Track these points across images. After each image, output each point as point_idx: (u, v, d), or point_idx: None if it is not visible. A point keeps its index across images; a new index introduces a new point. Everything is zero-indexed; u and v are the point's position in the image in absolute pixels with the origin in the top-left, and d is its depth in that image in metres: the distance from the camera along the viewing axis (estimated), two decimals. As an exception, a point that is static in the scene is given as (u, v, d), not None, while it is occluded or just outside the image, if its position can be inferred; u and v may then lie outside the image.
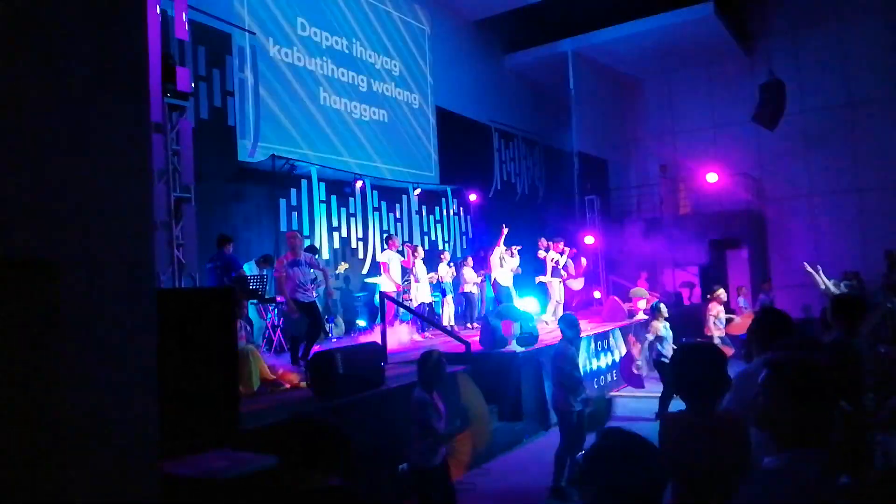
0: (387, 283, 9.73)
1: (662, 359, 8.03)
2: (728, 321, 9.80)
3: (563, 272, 11.56)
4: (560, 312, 11.26)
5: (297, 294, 7.06)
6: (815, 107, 16.69)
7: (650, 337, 8.30)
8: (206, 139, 8.81)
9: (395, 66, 13.14)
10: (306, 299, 7.15)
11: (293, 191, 10.57)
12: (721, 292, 9.61)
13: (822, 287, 9.19)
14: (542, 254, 11.66)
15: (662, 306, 8.45)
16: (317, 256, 8.62)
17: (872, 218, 15.97)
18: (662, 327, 8.23)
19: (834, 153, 16.61)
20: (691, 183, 17.98)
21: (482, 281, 11.50)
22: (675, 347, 7.65)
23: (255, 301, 8.44)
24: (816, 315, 12.82)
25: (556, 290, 11.46)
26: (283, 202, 10.39)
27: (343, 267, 10.01)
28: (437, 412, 4.22)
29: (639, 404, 8.68)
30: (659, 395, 7.96)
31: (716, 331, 9.23)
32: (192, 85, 8.09)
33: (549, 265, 11.45)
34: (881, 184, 16.00)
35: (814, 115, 16.75)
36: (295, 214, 10.54)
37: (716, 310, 9.41)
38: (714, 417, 2.43)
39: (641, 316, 11.46)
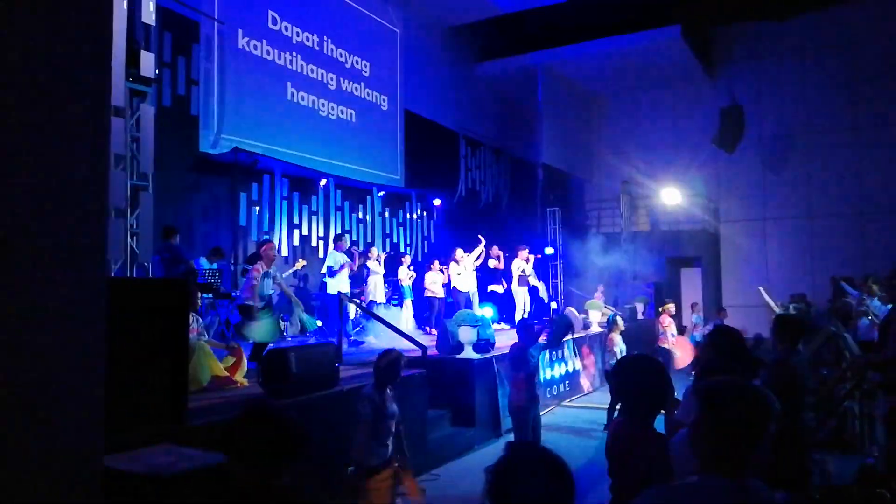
0: (336, 284, 9.54)
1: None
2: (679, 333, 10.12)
3: (532, 280, 11.76)
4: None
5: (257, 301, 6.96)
6: (772, 134, 17.22)
7: (617, 350, 8.43)
8: (168, 128, 8.61)
9: (366, 66, 13.08)
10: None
11: (255, 185, 10.42)
12: (671, 306, 9.94)
13: (775, 310, 9.56)
14: (492, 262, 11.79)
15: (619, 319, 8.64)
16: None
17: (822, 244, 16.54)
18: (618, 339, 8.41)
19: (788, 179, 17.16)
20: (650, 201, 18.37)
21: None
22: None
23: (208, 295, 8.28)
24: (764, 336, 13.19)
25: (521, 298, 11.60)
26: (243, 196, 10.22)
27: (301, 263, 9.85)
28: (384, 411, 4.19)
29: (590, 415, 8.80)
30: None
31: (670, 342, 9.50)
32: (156, 71, 7.90)
33: (516, 273, 11.58)
34: (832, 211, 16.60)
35: (771, 141, 17.29)
36: (255, 209, 10.39)
37: (667, 321, 9.69)
38: (651, 428, 2.48)
39: (596, 328, 11.63)
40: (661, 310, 10.40)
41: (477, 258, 11.40)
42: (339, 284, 9.40)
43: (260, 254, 7.37)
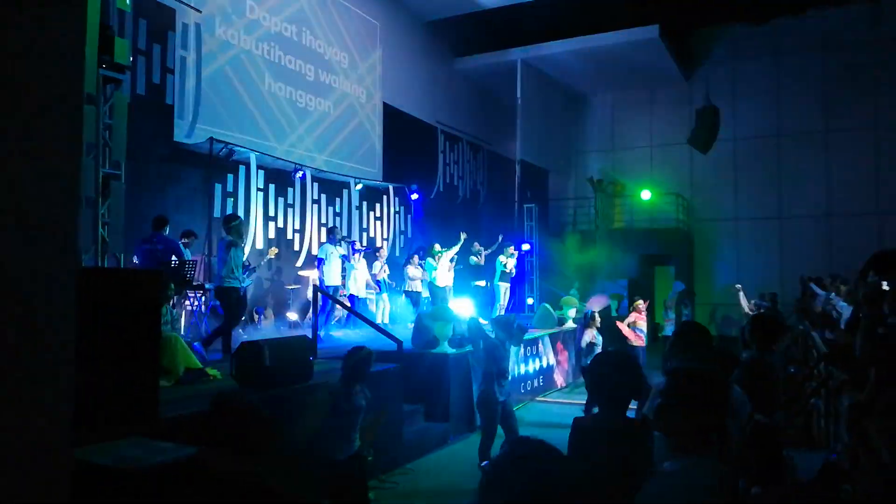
0: (326, 276, 9.52)
1: None
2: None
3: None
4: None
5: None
6: (746, 135, 17.50)
7: (586, 340, 8.55)
8: (142, 116, 8.48)
9: (344, 58, 12.99)
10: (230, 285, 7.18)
11: (230, 176, 10.29)
12: (641, 303, 10.08)
13: (746, 310, 9.72)
14: (474, 258, 11.85)
15: (596, 314, 8.74)
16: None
17: (792, 244, 16.88)
18: (595, 334, 8.50)
19: (760, 180, 17.46)
20: (626, 199, 18.56)
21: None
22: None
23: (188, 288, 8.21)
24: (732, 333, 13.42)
25: (503, 293, 11.71)
26: (218, 187, 10.10)
27: (273, 252, 9.75)
28: (347, 406, 4.26)
29: (562, 409, 8.87)
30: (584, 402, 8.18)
31: (635, 338, 9.60)
32: (131, 58, 7.75)
33: (499, 269, 11.69)
34: (802, 212, 16.93)
35: (744, 142, 17.56)
36: (230, 201, 10.26)
37: (633, 318, 9.83)
38: (622, 421, 2.52)
39: (571, 324, 11.73)
40: (632, 308, 10.53)
41: (456, 254, 11.44)
42: (328, 277, 9.38)
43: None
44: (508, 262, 11.79)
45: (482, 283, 12.19)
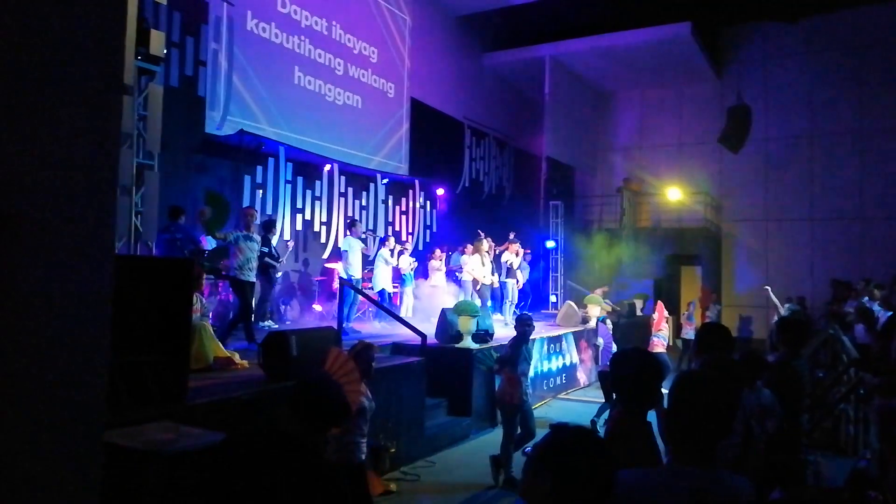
0: (348, 269, 9.54)
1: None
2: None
3: (518, 274, 11.79)
4: (510, 311, 11.57)
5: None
6: (777, 135, 17.17)
7: (600, 343, 8.59)
8: (174, 108, 8.59)
9: (374, 53, 13.04)
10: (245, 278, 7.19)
11: (259, 168, 10.41)
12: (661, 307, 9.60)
13: (781, 312, 9.55)
14: (506, 256, 11.82)
15: (608, 321, 8.79)
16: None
17: (822, 247, 16.54)
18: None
19: (791, 181, 17.13)
20: (653, 197, 18.35)
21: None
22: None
23: (211, 277, 8.30)
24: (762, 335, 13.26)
25: (510, 289, 11.65)
26: (247, 179, 10.22)
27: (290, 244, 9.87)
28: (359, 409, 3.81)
29: (584, 408, 8.84)
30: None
31: (658, 344, 9.19)
32: (165, 50, 7.89)
33: (505, 265, 11.63)
34: (833, 215, 16.59)
35: (776, 142, 17.24)
36: (259, 192, 10.38)
37: (661, 323, 9.31)
38: (645, 421, 2.51)
39: (594, 323, 11.65)
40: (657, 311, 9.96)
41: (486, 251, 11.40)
42: (351, 269, 9.31)
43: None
44: (511, 258, 11.67)
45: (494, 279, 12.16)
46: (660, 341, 9.34)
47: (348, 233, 9.60)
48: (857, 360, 6.70)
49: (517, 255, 11.77)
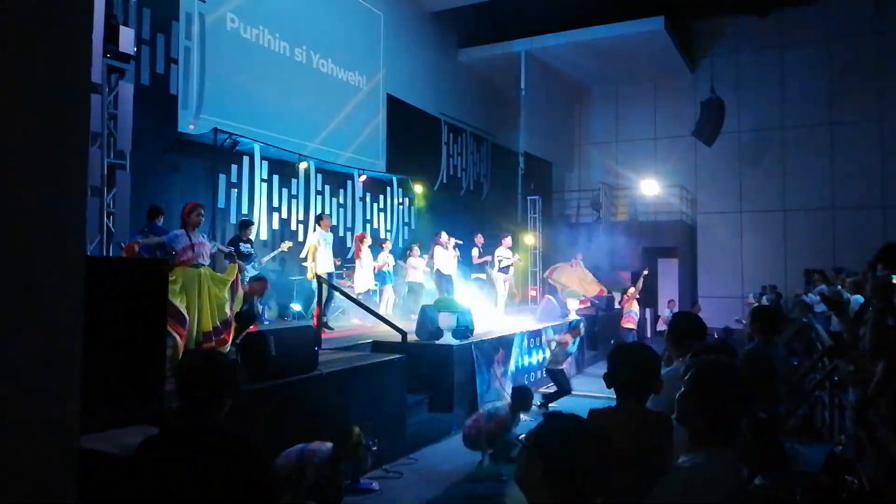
0: (314, 265, 9.27)
1: (552, 366, 8.78)
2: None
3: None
4: (502, 306, 11.65)
5: None
6: (750, 127, 17.42)
7: (559, 339, 8.76)
8: (146, 106, 8.44)
9: (348, 48, 12.94)
10: None
11: (234, 167, 10.28)
12: (631, 290, 11.40)
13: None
14: (476, 251, 11.86)
15: (581, 326, 8.99)
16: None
17: (796, 237, 16.83)
18: (573, 342, 8.69)
19: (765, 173, 17.40)
20: (630, 191, 18.51)
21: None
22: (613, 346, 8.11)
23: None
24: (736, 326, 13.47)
25: (501, 284, 11.71)
26: (222, 178, 10.09)
27: (286, 245, 9.69)
28: None
29: (565, 401, 8.88)
30: (591, 394, 8.47)
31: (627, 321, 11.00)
32: (135, 48, 7.74)
33: (497, 261, 11.67)
34: (805, 205, 16.88)
35: (749, 135, 17.49)
36: (234, 191, 10.26)
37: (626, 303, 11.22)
38: (642, 414, 2.51)
39: (574, 316, 11.73)
40: (624, 294, 11.53)
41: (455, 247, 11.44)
42: (321, 265, 9.13)
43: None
44: (506, 253, 11.77)
45: (483, 275, 12.18)
46: (630, 316, 11.20)
47: (317, 227, 9.38)
48: (831, 349, 6.81)
49: (510, 250, 11.87)
